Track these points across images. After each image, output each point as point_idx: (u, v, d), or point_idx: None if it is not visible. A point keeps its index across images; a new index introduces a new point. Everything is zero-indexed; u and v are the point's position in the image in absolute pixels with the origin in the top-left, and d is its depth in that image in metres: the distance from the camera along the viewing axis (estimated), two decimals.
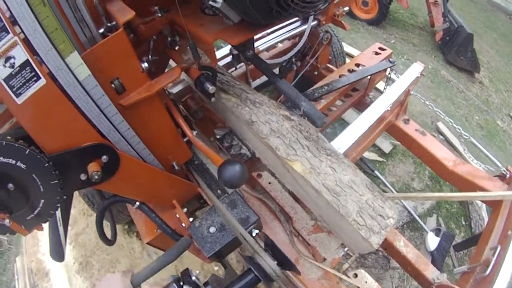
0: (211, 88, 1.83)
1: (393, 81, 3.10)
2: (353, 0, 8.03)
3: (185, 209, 2.20)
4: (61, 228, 2.03)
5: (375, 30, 8.28)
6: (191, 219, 2.09)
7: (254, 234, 1.88)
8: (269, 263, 1.68)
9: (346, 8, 2.55)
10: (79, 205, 3.85)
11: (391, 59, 3.04)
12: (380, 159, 4.75)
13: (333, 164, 1.74)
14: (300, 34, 3.34)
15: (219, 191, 2.20)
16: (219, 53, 3.04)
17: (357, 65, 3.14)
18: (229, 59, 2.97)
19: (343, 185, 1.68)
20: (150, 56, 1.83)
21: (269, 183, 2.35)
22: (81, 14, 1.45)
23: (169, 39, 1.99)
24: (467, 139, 3.62)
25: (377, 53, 3.27)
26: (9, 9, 1.16)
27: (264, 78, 3.89)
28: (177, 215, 2.17)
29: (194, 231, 1.93)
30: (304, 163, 1.74)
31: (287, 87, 1.95)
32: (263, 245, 1.80)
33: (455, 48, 7.34)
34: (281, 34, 3.10)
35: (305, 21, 2.73)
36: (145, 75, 1.63)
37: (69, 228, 3.16)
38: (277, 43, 3.38)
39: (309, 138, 1.85)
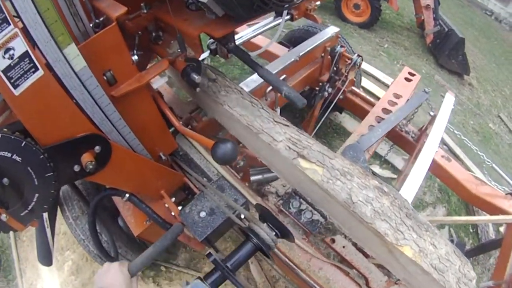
0: (197, 78, 1.85)
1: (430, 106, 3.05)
2: None
3: (173, 199, 2.20)
4: (48, 230, 2.01)
5: (367, 34, 8.02)
6: (179, 208, 2.07)
7: (242, 217, 1.91)
8: (266, 231, 1.70)
9: (318, 3, 2.54)
10: (79, 249, 3.69)
11: (426, 90, 2.99)
12: (393, 175, 4.64)
13: (432, 239, 1.61)
14: (326, 61, 3.38)
15: (205, 179, 2.21)
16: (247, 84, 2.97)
17: (395, 95, 3.08)
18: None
19: (443, 260, 1.57)
20: (135, 51, 1.82)
21: (343, 247, 2.23)
22: (76, 8, 1.45)
23: (153, 34, 1.99)
24: (470, 148, 3.66)
25: (408, 79, 3.23)
26: (11, 1, 1.15)
27: None
28: (166, 205, 2.17)
29: (185, 217, 1.94)
30: (413, 247, 1.57)
31: (268, 74, 1.97)
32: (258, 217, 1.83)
33: (446, 52, 7.28)
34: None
35: (278, 15, 2.73)
36: (135, 67, 1.65)
37: (72, 277, 3.47)
38: None
39: (410, 216, 1.66)
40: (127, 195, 2.06)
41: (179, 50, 1.90)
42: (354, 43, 7.19)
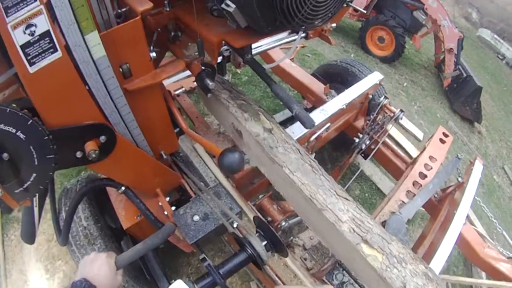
0: (211, 84, 1.81)
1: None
2: (340, 18, 7.72)
3: (167, 198, 2.14)
4: (36, 209, 1.95)
5: (388, 69, 7.68)
6: (173, 208, 2.04)
7: (235, 225, 1.88)
8: (259, 244, 1.66)
9: (334, 25, 2.49)
10: (71, 261, 3.41)
11: (459, 156, 2.94)
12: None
13: None
14: (364, 107, 3.34)
15: (202, 183, 2.16)
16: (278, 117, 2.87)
17: (431, 158, 2.95)
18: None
19: None
20: (152, 47, 1.77)
21: None
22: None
23: (172, 33, 1.94)
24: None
25: (442, 141, 3.11)
26: None
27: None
28: (160, 204, 2.12)
29: (178, 219, 1.91)
30: None
31: (282, 91, 1.93)
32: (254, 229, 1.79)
33: (462, 99, 7.00)
34: None
35: (293, 32, 2.68)
36: (152, 63, 1.60)
37: None
38: None
39: None
40: (122, 187, 1.99)
41: (196, 53, 1.85)
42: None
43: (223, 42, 1.83)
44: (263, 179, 2.67)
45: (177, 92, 2.51)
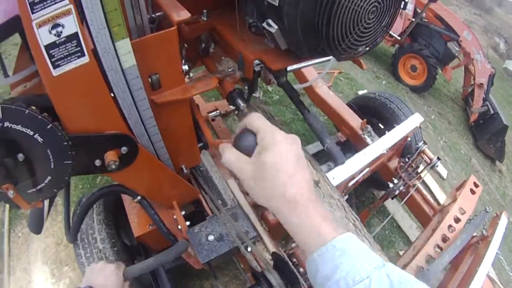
0: (242, 106, 1.68)
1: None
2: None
3: (183, 212, 2.03)
4: (47, 202, 1.88)
5: (417, 100, 7.35)
6: (187, 223, 1.95)
7: (249, 250, 1.78)
8: (277, 281, 1.57)
9: (367, 48, 2.37)
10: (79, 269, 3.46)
11: (487, 209, 2.82)
12: None
13: None
14: (399, 149, 3.19)
15: (219, 201, 2.07)
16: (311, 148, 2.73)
17: (461, 210, 2.82)
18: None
19: None
20: (184, 60, 1.67)
21: None
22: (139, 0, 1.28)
23: (203, 45, 1.85)
24: None
25: (472, 192, 2.98)
26: None
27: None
28: (174, 217, 2.01)
29: (192, 236, 1.83)
30: None
31: (316, 121, 1.80)
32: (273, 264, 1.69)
33: (487, 136, 6.63)
34: None
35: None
36: (183, 77, 1.48)
37: None
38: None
39: None
40: (138, 197, 1.90)
41: (229, 69, 1.73)
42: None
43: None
44: None
45: (211, 115, 2.38)
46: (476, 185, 3.02)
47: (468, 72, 7.09)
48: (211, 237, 1.83)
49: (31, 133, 1.17)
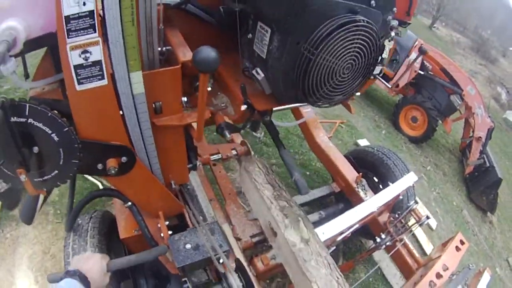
0: (228, 137, 1.87)
1: None
2: (364, 89, 6.98)
3: (167, 222, 2.16)
4: (42, 196, 2.01)
5: (414, 150, 7.18)
6: (169, 232, 2.07)
7: (221, 261, 1.89)
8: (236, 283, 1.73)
9: (358, 93, 2.44)
10: None
11: (470, 266, 2.75)
12: None
13: None
14: (390, 204, 3.15)
15: (201, 217, 2.21)
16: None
17: (444, 266, 2.70)
18: None
19: None
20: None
21: None
22: (152, 38, 1.49)
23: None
24: None
25: (458, 249, 2.87)
26: (104, 15, 1.20)
27: None
28: (159, 225, 2.15)
29: (172, 243, 1.95)
30: None
31: (288, 157, 2.00)
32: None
33: (481, 188, 6.50)
34: None
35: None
36: (181, 106, 1.68)
37: None
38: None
39: None
40: (129, 203, 2.06)
41: (222, 104, 1.93)
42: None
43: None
44: None
45: (212, 158, 2.49)
46: (462, 243, 2.98)
47: (468, 125, 7.05)
48: (188, 246, 1.95)
49: (49, 131, 1.35)
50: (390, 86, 7.22)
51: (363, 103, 7.82)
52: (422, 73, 6.88)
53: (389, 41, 1.94)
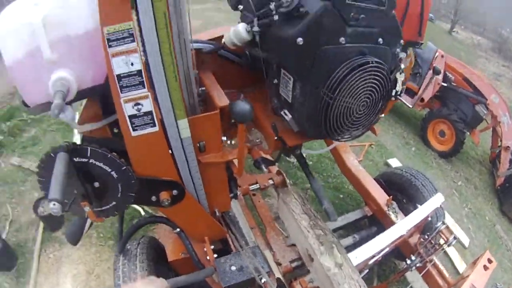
0: (265, 170, 2.04)
1: None
2: (388, 110, 6.32)
3: (212, 246, 2.28)
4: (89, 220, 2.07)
5: (445, 166, 6.79)
6: (215, 255, 2.19)
7: (262, 281, 2.02)
8: None
9: (382, 115, 2.35)
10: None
11: (498, 285, 2.82)
12: None
13: None
14: (420, 226, 3.16)
15: (243, 241, 2.35)
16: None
17: (472, 287, 2.71)
18: None
19: None
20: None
21: None
22: (192, 87, 1.68)
23: None
24: None
25: (486, 267, 2.86)
26: (150, 73, 1.39)
27: None
28: (205, 249, 2.26)
29: (218, 265, 2.08)
30: None
31: (318, 186, 2.14)
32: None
33: None
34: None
35: None
36: (222, 145, 1.85)
37: None
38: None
39: None
40: (178, 229, 2.20)
41: (257, 140, 2.10)
42: (430, 176, 5.27)
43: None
44: None
45: (251, 188, 2.61)
46: (490, 261, 2.93)
47: (496, 134, 6.60)
48: (233, 268, 2.08)
49: (109, 170, 1.55)
50: (411, 106, 7.02)
51: (391, 120, 7.59)
52: (445, 85, 6.60)
53: (400, 73, 2.05)
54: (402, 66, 2.04)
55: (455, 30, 19.38)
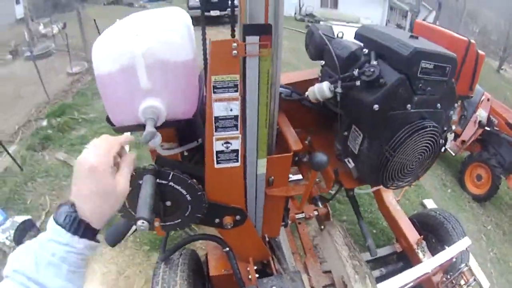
0: (321, 206, 2.21)
1: None
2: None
3: (255, 267, 2.41)
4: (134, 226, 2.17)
5: (477, 209, 6.75)
6: (256, 275, 2.32)
7: None
8: None
9: (413, 180, 2.45)
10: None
11: None
12: None
13: None
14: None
15: (284, 265, 2.50)
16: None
17: None
18: None
19: None
20: None
21: None
22: (273, 131, 1.82)
23: (299, 157, 2.30)
24: None
25: None
26: (245, 118, 1.55)
27: None
28: (248, 269, 2.37)
29: (261, 285, 2.22)
30: None
31: (364, 227, 2.30)
32: None
33: None
34: None
35: None
36: (287, 181, 2.01)
37: None
38: None
39: None
40: (227, 248, 2.30)
41: (317, 179, 2.24)
42: (461, 219, 5.48)
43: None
44: None
45: (297, 217, 2.81)
46: None
47: None
48: None
49: (185, 192, 1.69)
50: (454, 154, 7.05)
51: None
52: (488, 129, 6.55)
53: (450, 133, 2.18)
54: (453, 127, 2.18)
55: (504, 68, 18.88)
